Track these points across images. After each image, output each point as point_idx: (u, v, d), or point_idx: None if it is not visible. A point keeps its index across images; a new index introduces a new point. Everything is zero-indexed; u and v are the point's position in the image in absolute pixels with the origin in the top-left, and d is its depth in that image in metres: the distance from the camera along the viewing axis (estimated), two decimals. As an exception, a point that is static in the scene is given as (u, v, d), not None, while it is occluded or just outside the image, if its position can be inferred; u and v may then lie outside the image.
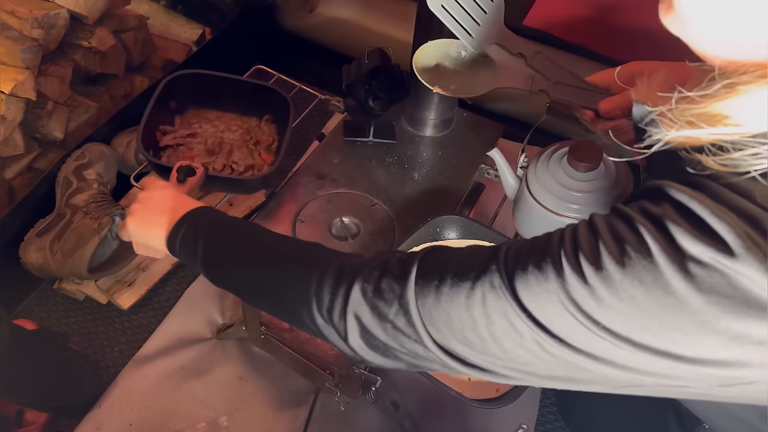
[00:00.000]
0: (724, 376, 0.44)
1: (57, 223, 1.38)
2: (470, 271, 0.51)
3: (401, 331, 0.54)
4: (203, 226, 0.75)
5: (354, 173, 1.14)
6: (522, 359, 0.49)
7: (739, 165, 0.41)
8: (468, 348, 0.51)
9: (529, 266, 0.47)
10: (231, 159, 1.18)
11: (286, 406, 1.31)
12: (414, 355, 0.54)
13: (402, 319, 0.53)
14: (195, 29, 1.94)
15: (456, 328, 0.50)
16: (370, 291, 0.55)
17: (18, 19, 1.37)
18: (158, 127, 1.19)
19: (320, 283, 0.59)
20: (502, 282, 0.48)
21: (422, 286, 0.53)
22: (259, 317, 1.17)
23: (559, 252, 0.47)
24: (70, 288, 1.42)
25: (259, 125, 1.23)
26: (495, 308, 0.48)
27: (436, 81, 0.75)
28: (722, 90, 0.42)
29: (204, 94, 1.23)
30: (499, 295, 0.48)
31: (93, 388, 1.29)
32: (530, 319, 0.47)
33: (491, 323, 0.49)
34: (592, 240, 0.46)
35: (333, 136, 1.20)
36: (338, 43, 1.94)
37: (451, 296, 0.51)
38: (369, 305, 0.55)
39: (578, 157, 0.92)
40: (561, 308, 0.45)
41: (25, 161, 1.49)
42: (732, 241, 0.40)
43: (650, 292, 0.42)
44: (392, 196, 1.10)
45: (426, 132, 1.20)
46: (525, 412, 1.32)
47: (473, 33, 0.72)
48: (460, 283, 0.51)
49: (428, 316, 0.52)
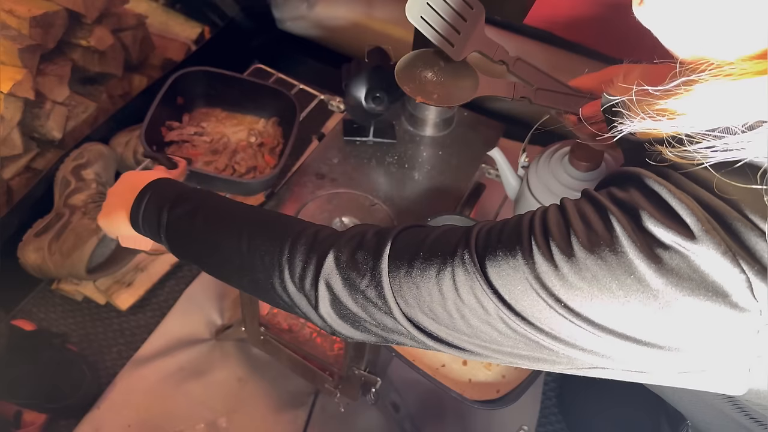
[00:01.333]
0: (682, 362, 0.45)
1: (55, 224, 1.38)
2: (443, 247, 0.52)
3: (372, 302, 0.54)
4: (166, 196, 0.72)
5: (354, 173, 1.13)
6: (487, 336, 0.50)
7: (694, 157, 0.43)
8: (435, 322, 0.52)
9: (499, 246, 0.49)
10: (234, 159, 1.17)
11: (286, 408, 1.30)
12: (383, 327, 0.55)
13: (373, 290, 0.54)
14: (194, 28, 1.93)
15: (425, 301, 0.52)
16: (344, 261, 0.56)
17: (16, 18, 1.36)
18: (164, 123, 1.18)
19: (293, 250, 0.59)
20: (473, 260, 0.49)
21: (395, 259, 0.54)
22: (259, 318, 1.17)
23: (529, 234, 0.48)
24: (69, 288, 1.42)
25: (265, 127, 1.22)
26: (463, 284, 0.49)
27: (418, 91, 0.75)
28: (681, 87, 0.44)
29: (213, 92, 1.23)
30: (468, 272, 0.49)
31: (91, 389, 1.29)
32: (497, 296, 0.48)
33: (459, 299, 0.50)
34: (561, 223, 0.47)
35: (333, 135, 1.20)
36: (338, 42, 1.93)
37: (423, 270, 0.52)
38: (341, 275, 0.56)
39: (579, 157, 0.91)
40: (527, 287, 0.47)
41: (24, 161, 1.48)
42: (693, 224, 0.42)
43: (612, 272, 0.43)
44: (392, 196, 1.10)
45: (426, 131, 1.20)
46: (526, 414, 1.31)
47: (454, 42, 0.72)
48: (432, 258, 0.52)
49: (398, 289, 0.53)
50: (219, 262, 0.67)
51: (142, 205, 0.73)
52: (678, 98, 0.44)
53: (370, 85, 1.09)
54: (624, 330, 0.44)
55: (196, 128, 1.21)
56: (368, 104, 1.10)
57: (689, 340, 0.44)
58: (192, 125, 1.21)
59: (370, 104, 1.10)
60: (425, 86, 0.75)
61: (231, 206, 0.69)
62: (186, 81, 1.20)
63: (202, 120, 1.23)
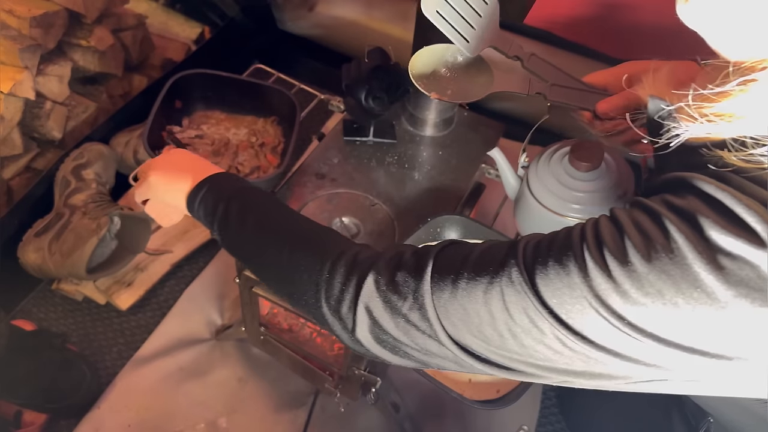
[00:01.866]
0: (747, 371, 0.43)
1: (55, 223, 1.38)
2: (488, 265, 0.50)
3: (414, 325, 0.53)
4: (226, 190, 0.73)
5: (354, 173, 1.13)
6: (541, 355, 0.48)
7: (761, 161, 0.41)
8: (485, 343, 0.50)
9: (550, 261, 0.46)
10: (237, 160, 1.17)
11: (286, 408, 1.30)
12: (426, 352, 0.54)
13: (416, 313, 0.52)
14: (194, 28, 1.93)
15: (473, 323, 0.50)
16: (384, 283, 0.54)
17: (17, 18, 1.36)
18: (164, 127, 1.18)
19: (332, 270, 0.58)
20: (522, 277, 0.47)
21: (438, 280, 0.52)
22: (259, 318, 1.17)
23: (581, 247, 0.46)
24: (69, 288, 1.42)
25: (265, 127, 1.22)
26: (514, 304, 0.47)
27: (432, 87, 0.74)
28: (736, 88, 0.41)
29: (210, 94, 1.23)
30: (518, 291, 0.47)
31: (91, 389, 1.29)
32: (552, 316, 0.46)
33: (510, 319, 0.48)
34: (616, 234, 0.45)
35: (333, 135, 1.20)
36: (338, 42, 1.93)
37: (468, 291, 0.50)
38: (382, 298, 0.54)
39: (579, 157, 0.91)
40: (584, 304, 0.44)
41: (24, 161, 1.48)
42: (762, 230, 0.39)
43: (677, 286, 0.41)
44: (392, 196, 1.10)
45: (426, 132, 1.20)
46: (526, 413, 1.31)
47: (469, 38, 0.71)
48: (477, 277, 0.50)
49: (444, 311, 0.51)
50: (261, 267, 0.67)
51: (202, 190, 0.74)
52: (733, 99, 0.42)
53: (370, 85, 1.09)
54: (691, 343, 0.43)
55: (197, 131, 1.21)
56: (368, 104, 1.10)
57: (757, 350, 0.42)
58: (192, 128, 1.21)
59: (370, 104, 1.10)
60: (439, 82, 0.75)
61: (280, 212, 0.70)
62: (183, 84, 1.20)
63: (201, 122, 1.23)
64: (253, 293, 1.08)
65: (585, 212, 0.92)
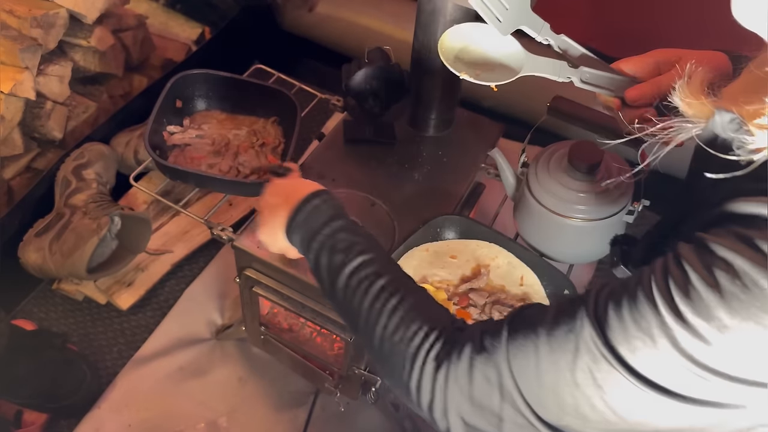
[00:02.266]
0: None
1: (56, 223, 1.38)
2: (565, 343, 0.50)
3: (509, 419, 0.53)
4: (315, 227, 0.70)
5: (354, 173, 1.13)
6: (639, 415, 0.49)
7: None
8: (583, 421, 0.50)
9: (631, 330, 0.46)
10: (237, 161, 1.18)
11: (286, 407, 1.31)
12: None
13: (509, 409, 0.53)
14: (194, 28, 1.93)
15: (568, 405, 0.50)
16: (467, 385, 0.54)
17: (17, 18, 1.37)
18: (165, 127, 1.19)
19: (420, 377, 0.57)
20: (607, 352, 0.47)
21: (519, 366, 0.52)
22: (259, 318, 1.17)
23: (657, 311, 0.45)
24: (69, 288, 1.42)
25: (265, 127, 1.22)
26: (606, 380, 0.48)
27: (461, 67, 0.73)
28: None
29: (211, 94, 1.23)
30: (605, 369, 0.48)
31: (92, 388, 1.29)
32: (644, 382, 0.46)
33: (605, 394, 0.48)
34: (684, 282, 0.45)
35: (333, 135, 1.20)
36: (338, 42, 1.93)
37: (556, 375, 0.50)
38: (470, 401, 0.54)
39: (579, 157, 0.91)
40: (677, 366, 0.45)
41: (24, 161, 1.48)
42: None
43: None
44: (392, 196, 1.10)
45: (426, 132, 1.20)
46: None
47: (501, 17, 0.70)
48: (558, 359, 0.50)
49: (535, 400, 0.51)
50: (352, 326, 0.67)
51: (293, 225, 0.72)
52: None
53: (370, 86, 1.09)
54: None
55: (198, 131, 1.21)
56: (368, 104, 1.10)
57: None
58: (193, 128, 1.21)
59: (370, 104, 1.10)
60: (469, 63, 0.74)
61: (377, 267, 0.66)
62: (184, 84, 1.20)
63: (202, 122, 1.23)
64: (254, 293, 1.08)
65: (585, 212, 0.92)
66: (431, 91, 1.13)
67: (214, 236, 1.06)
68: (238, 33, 1.85)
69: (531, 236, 1.01)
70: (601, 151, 0.92)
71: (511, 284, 0.97)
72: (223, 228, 1.06)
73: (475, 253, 0.99)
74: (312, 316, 1.04)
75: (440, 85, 1.12)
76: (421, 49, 1.08)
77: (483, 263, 0.98)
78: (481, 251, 0.99)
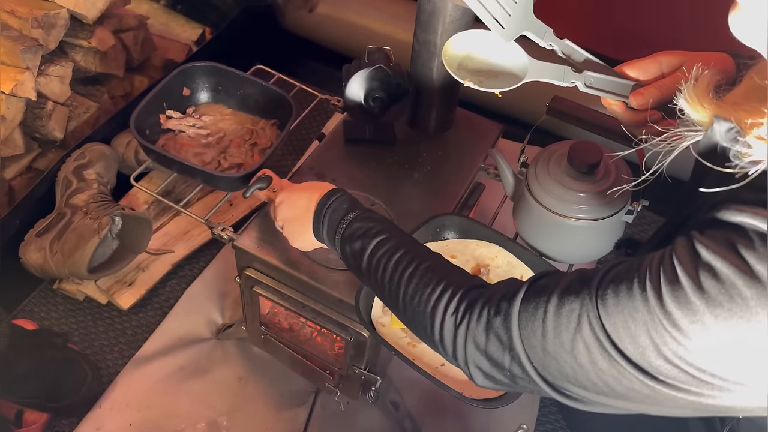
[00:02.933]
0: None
1: (57, 223, 1.38)
2: (569, 320, 0.54)
3: (519, 377, 0.59)
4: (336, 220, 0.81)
5: (354, 173, 1.14)
6: (628, 390, 0.52)
7: None
8: (583, 390, 0.55)
9: (625, 318, 0.50)
10: (223, 154, 1.18)
11: (286, 407, 1.31)
12: (537, 391, 0.60)
13: (517, 368, 0.59)
14: (195, 29, 1.94)
15: (569, 374, 0.55)
16: (483, 344, 0.61)
17: (18, 18, 1.37)
18: (164, 110, 1.19)
19: (441, 332, 0.65)
20: (603, 336, 0.51)
21: (527, 333, 0.57)
22: (259, 317, 1.17)
23: (647, 302, 0.48)
24: (70, 288, 1.42)
25: (264, 128, 1.23)
26: (599, 360, 0.52)
27: (465, 74, 0.73)
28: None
29: (220, 88, 1.24)
30: (599, 349, 0.52)
31: (93, 388, 1.29)
32: (633, 366, 0.50)
33: (599, 371, 0.52)
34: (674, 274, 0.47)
35: (333, 136, 1.20)
36: (338, 42, 1.93)
37: (559, 348, 0.54)
38: (486, 357, 0.61)
39: (578, 157, 0.92)
40: (661, 354, 0.48)
41: (25, 161, 1.49)
42: None
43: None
44: (392, 196, 1.10)
45: (426, 132, 1.20)
46: (525, 412, 1.32)
47: (504, 23, 0.70)
48: (561, 332, 0.54)
49: (540, 365, 0.57)
50: (385, 301, 0.76)
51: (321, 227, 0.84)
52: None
53: (370, 86, 1.09)
54: None
55: (197, 121, 1.21)
56: (368, 105, 1.11)
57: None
58: (193, 117, 1.22)
59: (370, 105, 1.10)
60: (473, 69, 0.74)
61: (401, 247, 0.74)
62: (195, 74, 1.22)
63: (205, 113, 1.24)
64: (254, 293, 1.09)
65: (584, 212, 0.93)
66: (431, 91, 1.13)
67: (215, 236, 1.07)
68: (238, 33, 1.85)
69: (530, 236, 1.01)
70: (600, 151, 0.92)
71: (511, 284, 0.97)
72: (224, 228, 1.06)
73: (474, 252, 0.99)
74: (312, 316, 1.04)
75: (440, 86, 1.12)
76: (421, 49, 1.08)
77: (483, 263, 0.98)
78: (481, 251, 0.99)
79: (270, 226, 1.05)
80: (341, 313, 1.01)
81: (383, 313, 0.90)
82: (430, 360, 0.87)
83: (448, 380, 0.84)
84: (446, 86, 1.13)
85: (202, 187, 1.22)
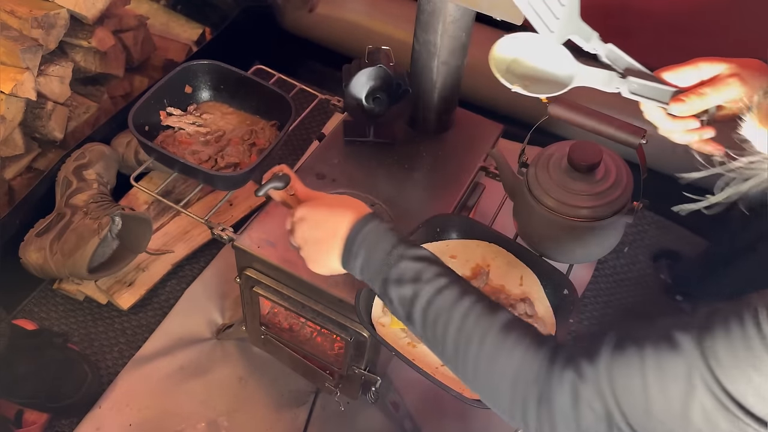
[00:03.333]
0: None
1: (57, 223, 1.38)
2: (674, 374, 0.50)
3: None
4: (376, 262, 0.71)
5: (354, 173, 1.14)
6: None
7: None
8: None
9: (748, 371, 0.47)
10: (220, 153, 1.18)
11: (286, 407, 1.31)
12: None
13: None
14: (195, 29, 1.94)
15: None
16: (573, 421, 0.56)
17: (18, 18, 1.37)
18: (165, 107, 1.20)
19: (524, 409, 0.61)
20: (720, 393, 0.48)
21: (623, 391, 0.53)
22: (259, 317, 1.17)
23: (762, 332, 0.46)
24: (70, 288, 1.42)
25: (264, 129, 1.23)
26: (719, 419, 0.49)
27: (513, 79, 0.72)
28: None
29: (222, 86, 1.24)
30: (720, 409, 0.49)
31: (93, 388, 1.29)
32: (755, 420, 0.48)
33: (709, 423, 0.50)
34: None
35: (333, 136, 1.20)
36: (338, 43, 1.93)
37: (666, 407, 0.51)
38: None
39: (578, 158, 0.92)
40: None
41: (25, 161, 1.49)
42: None
43: None
44: (392, 196, 1.10)
45: (426, 132, 1.20)
46: (525, 413, 1.31)
47: (552, 27, 0.70)
48: (668, 388, 0.51)
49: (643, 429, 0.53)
50: (438, 355, 0.69)
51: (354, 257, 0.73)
52: None
53: (370, 86, 1.09)
54: None
55: (196, 118, 1.21)
56: (368, 105, 1.11)
57: None
58: (194, 115, 1.22)
59: (370, 105, 1.10)
60: (520, 74, 0.73)
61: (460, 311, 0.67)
62: (198, 72, 1.22)
63: (206, 111, 1.24)
64: (254, 293, 1.09)
65: (584, 212, 0.93)
66: (431, 91, 1.13)
67: (215, 236, 1.07)
68: (238, 34, 1.85)
69: (530, 236, 1.01)
70: (600, 151, 0.92)
71: (511, 284, 0.97)
72: (224, 228, 1.06)
73: (474, 253, 0.99)
74: (312, 316, 1.04)
75: (440, 86, 1.12)
76: (421, 49, 1.08)
77: (483, 263, 0.98)
78: (481, 251, 0.99)
79: (270, 226, 1.05)
80: (341, 313, 1.01)
81: (383, 313, 0.90)
82: (430, 360, 0.87)
83: (448, 380, 0.84)
84: (446, 86, 1.13)
85: (202, 187, 1.22)
